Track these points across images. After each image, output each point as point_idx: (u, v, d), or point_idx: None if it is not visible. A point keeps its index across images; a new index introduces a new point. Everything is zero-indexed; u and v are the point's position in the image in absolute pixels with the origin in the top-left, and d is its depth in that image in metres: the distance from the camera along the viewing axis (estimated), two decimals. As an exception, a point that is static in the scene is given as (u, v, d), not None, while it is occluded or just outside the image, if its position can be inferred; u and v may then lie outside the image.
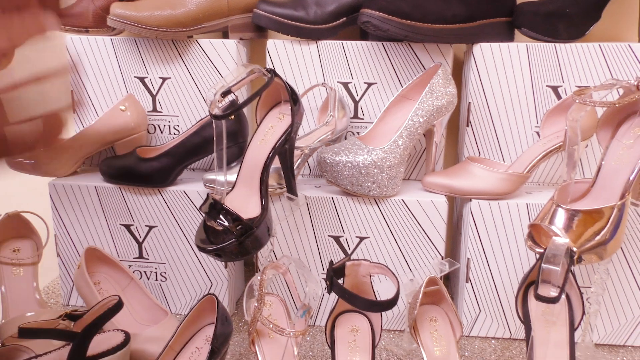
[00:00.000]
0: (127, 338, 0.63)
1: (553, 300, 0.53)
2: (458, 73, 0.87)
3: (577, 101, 0.57)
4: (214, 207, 0.61)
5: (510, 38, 0.81)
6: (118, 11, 0.78)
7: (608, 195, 0.62)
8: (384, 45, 0.80)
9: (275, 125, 0.67)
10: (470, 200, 0.74)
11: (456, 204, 0.89)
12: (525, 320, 0.61)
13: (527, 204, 0.72)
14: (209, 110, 0.60)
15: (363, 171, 0.72)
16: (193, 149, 0.78)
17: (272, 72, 0.63)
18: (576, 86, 0.77)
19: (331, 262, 0.58)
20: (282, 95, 0.68)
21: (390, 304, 0.55)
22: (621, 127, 0.63)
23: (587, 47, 0.76)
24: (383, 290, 0.76)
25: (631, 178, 0.60)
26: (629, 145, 0.61)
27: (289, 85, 0.66)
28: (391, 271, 0.58)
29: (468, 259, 0.75)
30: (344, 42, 0.81)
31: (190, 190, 0.78)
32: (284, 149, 0.68)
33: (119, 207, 0.79)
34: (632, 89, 0.57)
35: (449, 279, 0.92)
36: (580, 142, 0.73)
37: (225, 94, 0.61)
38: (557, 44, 0.76)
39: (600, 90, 0.58)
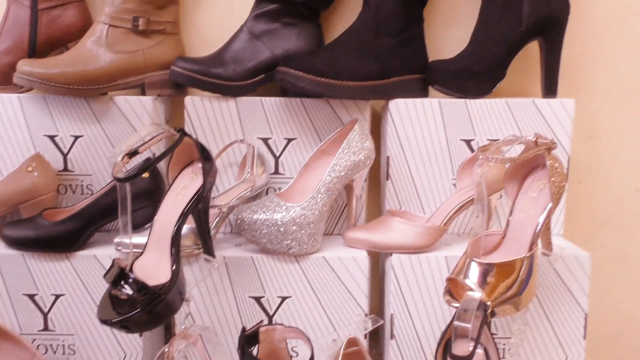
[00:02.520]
0: None
1: (467, 358, 0.53)
2: (378, 126, 0.89)
3: (480, 157, 0.58)
4: (118, 275, 0.57)
5: (424, 93, 0.84)
6: (25, 68, 0.75)
7: (518, 247, 0.63)
8: (302, 102, 0.81)
9: (188, 185, 0.65)
10: (392, 254, 0.74)
11: (381, 259, 0.88)
12: (446, 378, 0.60)
13: (445, 257, 0.73)
14: (112, 173, 0.57)
15: (282, 229, 0.71)
16: (105, 210, 0.75)
17: (182, 131, 0.62)
18: (487, 139, 0.80)
19: (243, 329, 0.56)
20: (194, 153, 0.66)
21: (303, 371, 0.53)
22: (526, 180, 0.65)
23: (495, 102, 0.79)
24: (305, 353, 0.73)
25: (537, 230, 0.62)
26: (534, 197, 0.63)
27: (199, 143, 0.64)
28: (305, 335, 0.56)
29: (392, 314, 0.74)
30: (263, 98, 0.81)
31: (101, 254, 0.74)
32: (198, 209, 0.65)
33: (22, 275, 0.73)
34: (532, 145, 0.60)
35: (378, 337, 0.91)
36: (494, 195, 0.75)
37: (131, 155, 0.58)
38: (467, 100, 0.79)
39: (503, 146, 0.60)
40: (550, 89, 0.80)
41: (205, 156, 0.64)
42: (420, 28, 0.82)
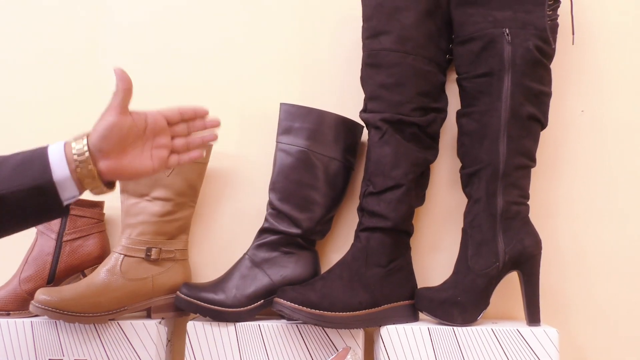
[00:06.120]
0: None
1: None
2: (372, 350, 0.92)
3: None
4: None
5: (415, 318, 0.88)
6: (42, 297, 0.81)
7: None
8: (298, 327, 0.85)
9: None
10: None
11: None
12: None
13: None
14: None
15: None
16: None
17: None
18: (477, 367, 0.82)
19: None
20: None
21: None
22: None
23: (481, 330, 0.83)
24: None
25: None
26: None
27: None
28: None
29: None
30: (261, 323, 0.85)
31: None
32: None
33: None
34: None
35: None
36: None
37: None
38: (455, 327, 0.83)
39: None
40: (533, 317, 0.85)
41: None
42: (407, 257, 0.90)
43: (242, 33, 1.01)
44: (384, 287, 0.85)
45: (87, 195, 0.94)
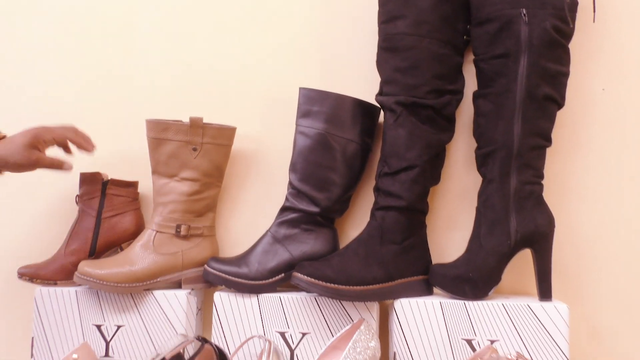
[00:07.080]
0: None
1: None
2: (387, 322, 0.96)
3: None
4: None
5: (429, 292, 0.92)
6: (84, 269, 0.90)
7: None
8: (316, 299, 0.90)
9: (207, 386, 0.74)
10: None
11: None
12: None
13: None
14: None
15: None
16: (135, 400, 0.83)
17: (203, 340, 0.72)
18: (487, 339, 0.85)
19: None
20: (214, 357, 0.75)
21: None
22: (515, 394, 0.70)
23: (492, 304, 0.86)
24: None
25: None
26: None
27: (218, 349, 0.74)
28: None
29: None
30: (281, 294, 0.91)
31: None
32: (214, 409, 0.73)
33: None
34: (513, 365, 0.66)
35: None
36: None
37: (159, 362, 0.68)
38: (466, 302, 0.86)
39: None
40: (544, 293, 0.87)
41: (223, 360, 0.73)
42: (422, 234, 0.93)
43: (263, 19, 1.04)
44: (398, 263, 0.89)
45: (123, 176, 1.02)
